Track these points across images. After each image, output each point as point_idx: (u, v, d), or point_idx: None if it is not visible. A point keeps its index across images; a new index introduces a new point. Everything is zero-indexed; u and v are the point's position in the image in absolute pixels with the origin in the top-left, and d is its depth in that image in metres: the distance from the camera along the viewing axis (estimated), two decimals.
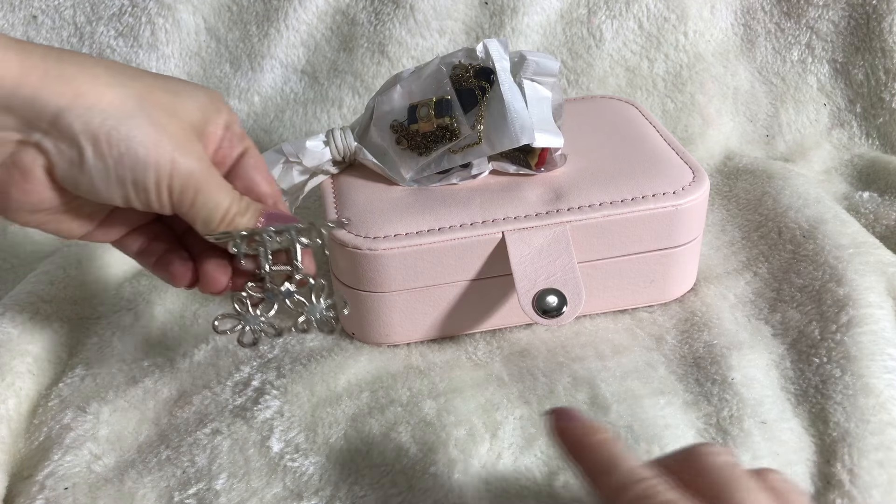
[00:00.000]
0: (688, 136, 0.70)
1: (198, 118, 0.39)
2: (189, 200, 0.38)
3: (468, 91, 0.48)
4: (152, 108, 0.36)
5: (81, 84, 0.34)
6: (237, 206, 0.39)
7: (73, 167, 0.35)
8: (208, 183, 0.38)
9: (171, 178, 0.36)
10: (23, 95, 0.33)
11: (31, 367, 0.47)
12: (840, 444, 0.40)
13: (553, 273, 0.45)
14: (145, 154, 0.35)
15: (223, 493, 0.40)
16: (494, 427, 0.43)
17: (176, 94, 0.38)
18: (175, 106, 0.37)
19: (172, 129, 0.37)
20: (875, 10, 0.69)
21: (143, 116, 0.36)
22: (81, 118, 0.34)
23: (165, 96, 0.37)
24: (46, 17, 0.67)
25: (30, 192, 0.36)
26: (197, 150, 0.38)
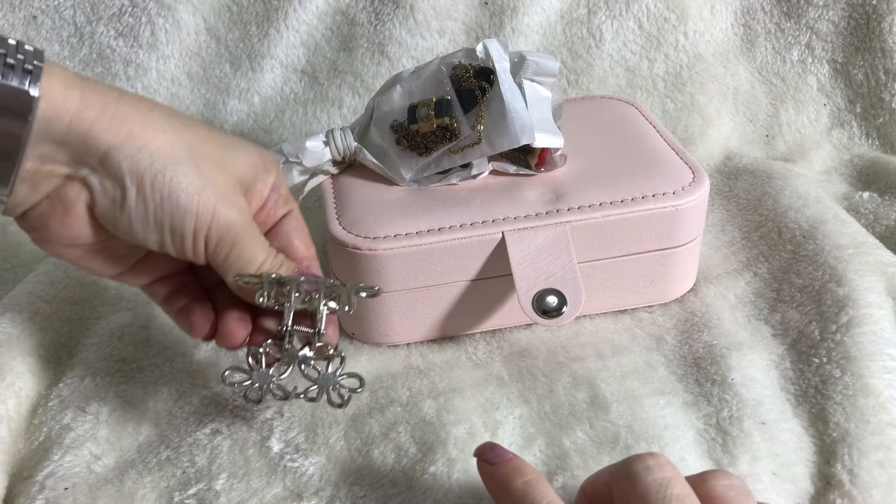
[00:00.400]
0: (688, 137, 0.70)
1: (247, 174, 0.39)
2: (224, 252, 0.38)
3: (468, 91, 0.48)
4: (201, 157, 0.36)
5: (135, 125, 0.35)
6: (271, 263, 0.39)
7: (115, 206, 0.36)
8: (246, 236, 0.38)
9: (209, 228, 0.37)
10: (78, 131, 0.34)
11: (31, 367, 0.47)
12: (840, 444, 0.40)
13: (553, 273, 0.45)
14: (187, 201, 0.36)
15: (223, 494, 0.40)
16: (494, 426, 0.43)
17: (228, 147, 0.38)
18: (225, 159, 0.38)
19: (219, 180, 0.37)
20: (875, 10, 0.69)
21: (191, 164, 0.36)
22: (130, 158, 0.35)
23: (217, 149, 0.38)
24: (46, 17, 0.67)
25: (69, 225, 0.37)
26: (240, 203, 0.38)
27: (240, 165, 0.39)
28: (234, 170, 0.38)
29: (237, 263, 0.38)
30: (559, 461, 0.41)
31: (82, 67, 0.68)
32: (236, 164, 0.38)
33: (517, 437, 0.42)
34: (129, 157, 0.35)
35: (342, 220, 0.47)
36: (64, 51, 0.68)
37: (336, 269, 0.48)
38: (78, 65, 0.68)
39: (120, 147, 0.34)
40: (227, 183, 0.37)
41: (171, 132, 0.36)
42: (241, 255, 0.38)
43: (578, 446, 0.41)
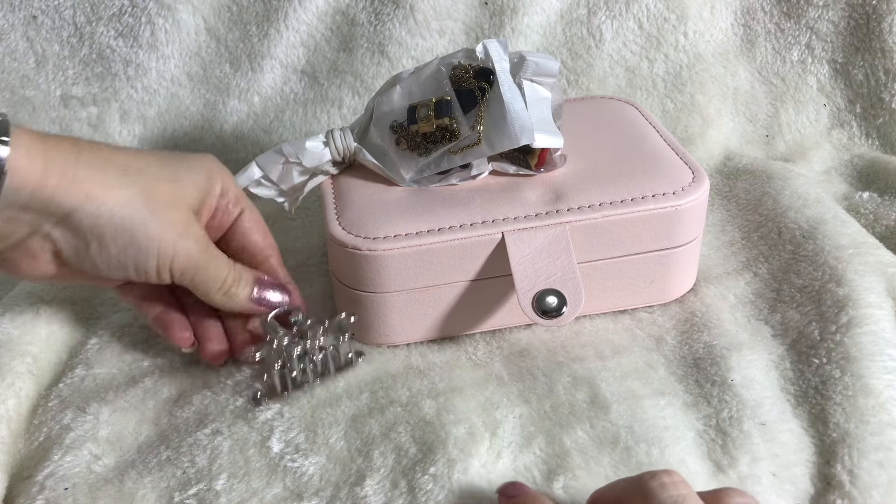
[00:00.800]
0: (688, 137, 0.70)
1: (196, 197, 0.43)
2: (189, 277, 0.42)
3: (468, 92, 0.48)
4: (155, 202, 0.40)
5: (93, 186, 0.38)
6: (232, 277, 0.44)
7: (79, 254, 0.39)
8: (206, 261, 0.43)
9: (172, 262, 0.41)
10: (41, 197, 0.37)
11: (31, 367, 0.47)
12: (840, 444, 0.40)
13: (553, 273, 0.45)
14: (147, 245, 0.40)
15: (223, 494, 0.40)
16: (494, 426, 0.43)
17: (177, 180, 0.42)
18: (177, 195, 0.41)
19: (174, 218, 0.41)
20: (875, 10, 0.69)
21: (147, 212, 0.39)
22: (91, 216, 0.38)
23: (168, 186, 0.41)
24: (46, 18, 0.67)
25: (36, 267, 0.40)
26: (195, 233, 0.42)
27: (189, 194, 0.42)
28: (186, 201, 0.42)
29: (203, 284, 0.43)
30: (559, 460, 0.41)
31: (82, 67, 0.68)
32: (186, 194, 0.42)
33: (517, 436, 0.42)
34: (90, 216, 0.38)
35: (342, 220, 0.47)
36: (64, 51, 0.68)
37: (336, 269, 0.48)
38: (78, 65, 0.68)
39: (81, 207, 0.37)
40: (182, 217, 0.41)
41: (126, 186, 0.39)
42: (206, 277, 0.43)
43: (579, 446, 0.41)
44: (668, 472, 0.32)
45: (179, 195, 0.41)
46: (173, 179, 0.41)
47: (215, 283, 0.43)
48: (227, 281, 0.44)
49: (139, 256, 0.40)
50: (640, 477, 0.33)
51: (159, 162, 0.42)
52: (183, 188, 0.42)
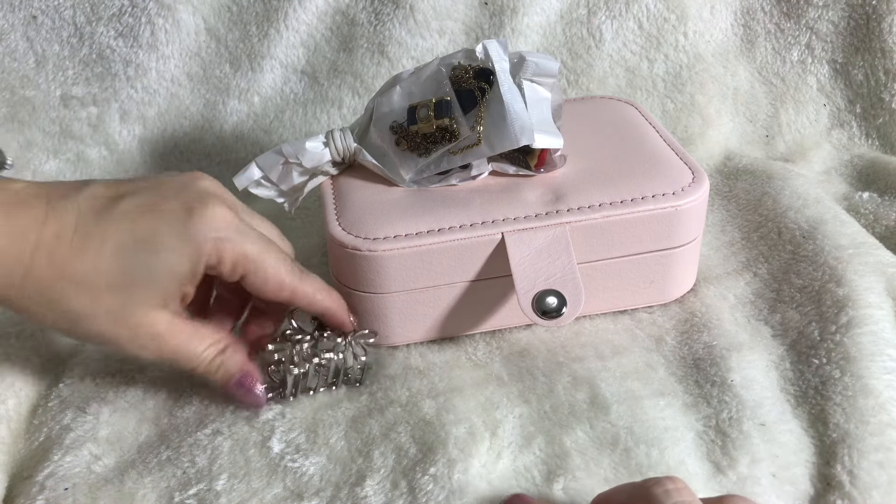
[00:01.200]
0: (687, 137, 0.70)
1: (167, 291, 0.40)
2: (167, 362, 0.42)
3: (468, 92, 0.48)
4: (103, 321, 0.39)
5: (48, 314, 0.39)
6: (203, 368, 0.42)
7: None
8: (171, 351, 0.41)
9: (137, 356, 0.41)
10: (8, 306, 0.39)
11: (31, 367, 0.47)
12: (840, 445, 0.40)
13: (553, 274, 0.45)
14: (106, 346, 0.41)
15: (224, 494, 0.40)
16: (494, 426, 0.43)
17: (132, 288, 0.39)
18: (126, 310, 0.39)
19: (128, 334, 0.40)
20: (875, 10, 0.69)
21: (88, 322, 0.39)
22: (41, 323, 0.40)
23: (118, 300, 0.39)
24: (46, 18, 0.67)
25: None
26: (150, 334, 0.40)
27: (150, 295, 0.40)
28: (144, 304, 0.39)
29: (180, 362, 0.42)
30: (559, 461, 0.41)
31: (82, 67, 0.68)
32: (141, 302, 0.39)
33: (517, 435, 0.42)
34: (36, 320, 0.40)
35: (342, 221, 0.47)
36: (64, 51, 0.68)
37: (336, 269, 0.48)
38: (78, 65, 0.68)
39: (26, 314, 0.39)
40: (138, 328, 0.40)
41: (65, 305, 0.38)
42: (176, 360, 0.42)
43: (579, 446, 0.41)
44: (671, 478, 0.32)
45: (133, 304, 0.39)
46: (129, 287, 0.39)
47: (188, 365, 0.42)
48: (205, 356, 0.42)
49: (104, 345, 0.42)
50: (644, 483, 0.33)
51: (121, 266, 0.38)
52: (142, 295, 0.39)
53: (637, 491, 0.33)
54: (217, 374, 0.43)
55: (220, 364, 0.43)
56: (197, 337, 0.42)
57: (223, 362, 0.43)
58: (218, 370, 0.43)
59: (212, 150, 0.70)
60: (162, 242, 0.39)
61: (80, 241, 0.38)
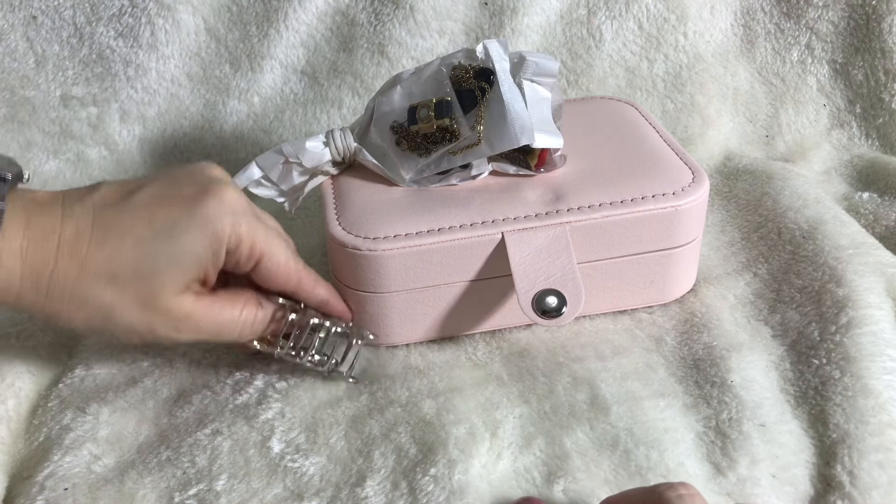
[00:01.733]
0: (687, 137, 0.70)
1: (184, 277, 0.40)
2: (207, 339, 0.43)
3: (468, 92, 0.48)
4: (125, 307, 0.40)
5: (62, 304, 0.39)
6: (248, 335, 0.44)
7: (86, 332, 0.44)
8: (200, 333, 0.42)
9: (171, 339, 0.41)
10: (22, 307, 0.39)
11: (31, 367, 0.47)
12: (840, 445, 0.40)
13: (553, 274, 0.45)
14: (127, 336, 0.41)
15: (223, 494, 0.40)
16: (494, 426, 0.43)
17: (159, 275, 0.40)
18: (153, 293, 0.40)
19: (152, 319, 0.40)
20: (875, 10, 0.69)
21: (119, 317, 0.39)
22: (68, 323, 0.40)
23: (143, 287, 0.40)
24: (46, 18, 0.67)
25: None
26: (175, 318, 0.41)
27: (171, 282, 0.40)
28: (168, 290, 0.40)
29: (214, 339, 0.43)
30: (559, 461, 0.41)
31: (82, 68, 0.68)
32: (165, 285, 0.40)
33: (517, 436, 0.42)
34: (66, 322, 0.39)
35: (342, 220, 0.47)
36: (64, 51, 0.68)
37: (336, 269, 0.48)
38: (78, 65, 0.68)
39: (55, 318, 0.39)
40: (160, 311, 0.40)
41: (95, 299, 0.39)
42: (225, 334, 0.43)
43: (579, 447, 0.41)
44: (684, 484, 0.32)
45: (157, 290, 0.40)
46: (151, 275, 0.39)
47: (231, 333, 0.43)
48: (244, 329, 0.43)
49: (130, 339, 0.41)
50: (656, 488, 0.33)
51: (142, 253, 0.39)
52: (162, 281, 0.40)
53: (649, 496, 0.33)
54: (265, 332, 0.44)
55: (262, 319, 0.44)
56: (228, 303, 0.43)
57: (264, 317, 0.44)
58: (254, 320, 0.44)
59: (212, 150, 0.70)
60: (180, 227, 0.40)
61: (100, 236, 0.39)
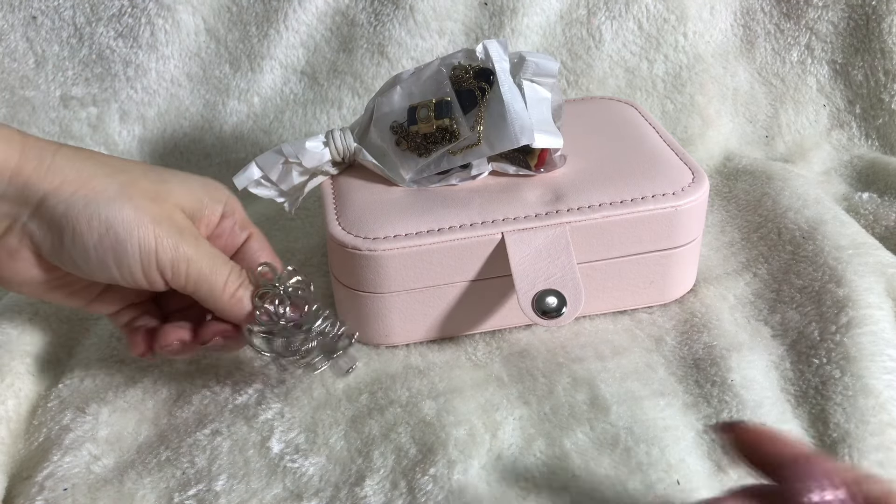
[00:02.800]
0: (687, 137, 0.70)
1: (189, 204, 0.40)
2: (183, 274, 0.39)
3: (468, 92, 0.48)
4: (134, 194, 0.38)
5: (69, 174, 0.37)
6: (237, 276, 0.41)
7: (57, 247, 0.38)
8: (199, 253, 0.39)
9: (157, 256, 0.38)
10: (17, 184, 0.36)
11: (31, 368, 0.47)
12: (840, 445, 0.40)
13: (553, 274, 0.45)
14: (126, 235, 0.37)
15: (223, 495, 0.40)
16: (494, 427, 0.43)
17: (164, 182, 0.40)
18: (160, 192, 0.39)
19: (154, 210, 0.38)
20: (874, 10, 0.69)
21: (125, 200, 0.38)
22: (65, 202, 0.37)
23: (151, 185, 0.39)
24: (46, 18, 0.67)
25: (18, 270, 0.39)
26: (181, 224, 0.39)
27: (177, 196, 0.40)
28: (172, 201, 0.40)
29: (204, 283, 0.40)
30: (559, 462, 0.41)
31: (82, 68, 0.68)
32: (172, 195, 0.40)
33: (517, 437, 0.42)
34: (63, 202, 0.37)
35: (342, 220, 0.47)
36: (63, 51, 0.68)
37: (336, 269, 0.48)
38: (77, 65, 0.68)
39: (55, 193, 0.37)
40: (164, 212, 0.39)
41: (103, 176, 0.38)
42: (201, 271, 0.40)
43: (579, 448, 0.41)
44: None
45: (164, 194, 0.39)
46: (159, 180, 0.40)
47: (218, 282, 0.40)
48: (232, 279, 0.41)
49: (118, 248, 0.37)
50: None
51: (147, 167, 0.40)
52: (170, 189, 0.40)
53: None
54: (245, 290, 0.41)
55: (244, 277, 0.42)
56: (224, 259, 0.41)
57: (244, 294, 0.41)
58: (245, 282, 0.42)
59: (212, 150, 0.70)
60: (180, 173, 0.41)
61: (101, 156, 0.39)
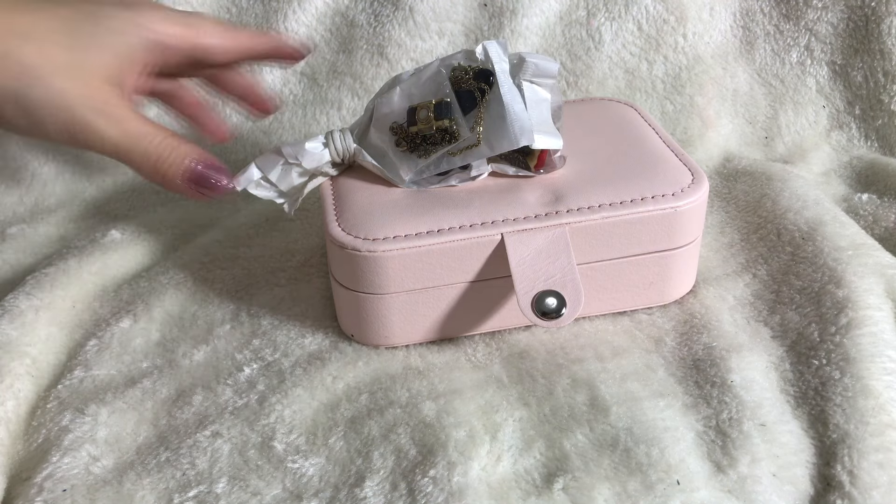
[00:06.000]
0: (687, 138, 0.70)
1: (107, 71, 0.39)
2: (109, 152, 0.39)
3: (467, 93, 0.48)
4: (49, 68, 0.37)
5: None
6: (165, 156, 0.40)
7: None
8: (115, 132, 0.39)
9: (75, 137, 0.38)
10: None
11: (30, 368, 0.47)
12: (840, 445, 0.40)
13: (552, 275, 0.45)
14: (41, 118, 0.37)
15: (223, 496, 0.40)
16: (494, 429, 0.43)
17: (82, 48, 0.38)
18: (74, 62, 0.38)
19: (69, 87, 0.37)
20: (874, 11, 0.69)
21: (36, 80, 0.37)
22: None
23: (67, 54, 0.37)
24: None
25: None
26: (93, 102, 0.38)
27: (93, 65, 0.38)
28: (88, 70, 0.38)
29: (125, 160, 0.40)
30: (559, 463, 0.41)
31: None
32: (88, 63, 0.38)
33: (517, 439, 0.42)
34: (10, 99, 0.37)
35: (341, 221, 0.47)
36: None
37: (335, 270, 0.48)
38: None
39: None
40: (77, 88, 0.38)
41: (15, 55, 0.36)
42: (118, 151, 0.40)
43: (579, 449, 0.41)
44: None
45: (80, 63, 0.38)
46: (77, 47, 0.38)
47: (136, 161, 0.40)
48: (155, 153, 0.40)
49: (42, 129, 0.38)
50: None
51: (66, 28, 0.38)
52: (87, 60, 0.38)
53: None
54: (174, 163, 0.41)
55: (175, 148, 0.41)
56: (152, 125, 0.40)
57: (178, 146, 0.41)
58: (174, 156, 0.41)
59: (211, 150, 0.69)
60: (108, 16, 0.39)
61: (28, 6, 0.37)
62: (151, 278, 0.56)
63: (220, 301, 0.53)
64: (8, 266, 0.59)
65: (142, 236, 0.61)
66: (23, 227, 0.64)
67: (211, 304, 0.53)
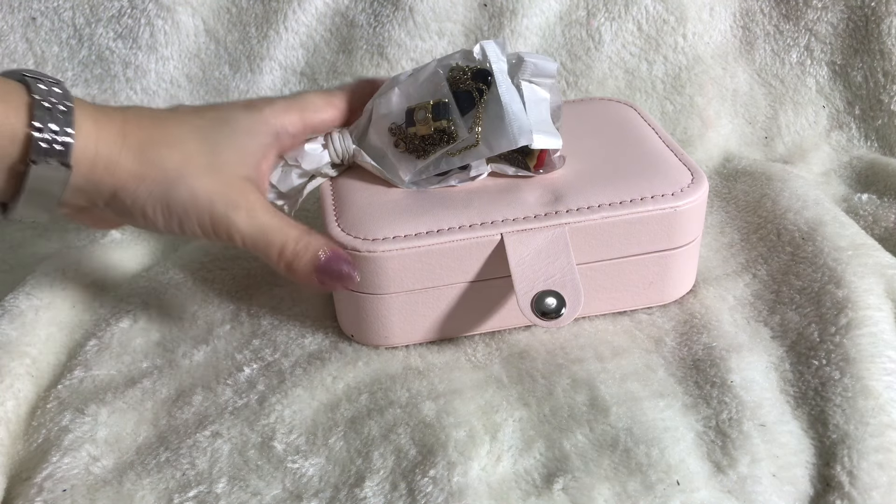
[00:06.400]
0: (687, 138, 0.70)
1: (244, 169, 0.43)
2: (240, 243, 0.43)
3: (465, 93, 0.48)
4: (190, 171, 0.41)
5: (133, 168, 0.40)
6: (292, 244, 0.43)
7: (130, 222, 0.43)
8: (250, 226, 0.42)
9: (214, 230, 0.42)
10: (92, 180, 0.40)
11: (30, 369, 0.47)
12: (839, 446, 0.40)
13: (552, 275, 0.45)
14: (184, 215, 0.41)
15: (223, 497, 0.40)
16: (494, 429, 0.43)
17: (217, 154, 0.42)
18: (214, 165, 0.42)
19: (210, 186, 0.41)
20: (874, 12, 0.69)
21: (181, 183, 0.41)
22: (131, 195, 0.41)
23: (205, 159, 0.42)
24: (45, 19, 0.67)
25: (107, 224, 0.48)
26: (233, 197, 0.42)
27: (231, 165, 0.42)
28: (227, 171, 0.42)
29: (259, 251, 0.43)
30: (559, 464, 0.41)
31: (81, 69, 0.68)
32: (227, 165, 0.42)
33: (517, 439, 0.42)
34: (130, 195, 0.41)
35: (341, 222, 0.47)
36: (63, 52, 0.68)
37: None
38: (77, 66, 0.68)
39: (123, 188, 0.40)
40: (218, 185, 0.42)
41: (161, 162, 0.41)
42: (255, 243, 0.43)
43: (579, 450, 0.41)
44: None
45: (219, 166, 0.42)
46: (212, 153, 0.42)
47: (271, 254, 0.43)
48: (287, 249, 0.43)
49: (182, 225, 0.41)
50: None
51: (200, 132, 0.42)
52: (224, 161, 0.42)
53: None
54: (306, 254, 0.43)
55: (308, 244, 0.44)
56: (284, 219, 0.44)
57: (310, 242, 0.44)
58: (307, 250, 0.43)
59: None
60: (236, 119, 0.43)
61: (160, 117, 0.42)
62: (151, 278, 0.56)
63: (220, 301, 0.53)
64: (7, 266, 0.59)
65: (142, 236, 0.61)
66: (23, 227, 0.64)
67: (211, 304, 0.53)
